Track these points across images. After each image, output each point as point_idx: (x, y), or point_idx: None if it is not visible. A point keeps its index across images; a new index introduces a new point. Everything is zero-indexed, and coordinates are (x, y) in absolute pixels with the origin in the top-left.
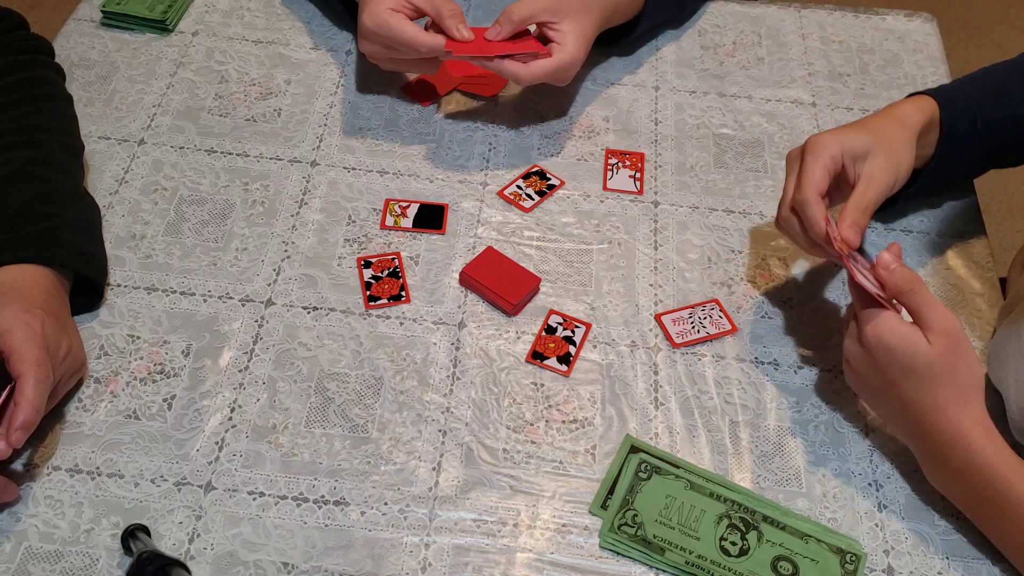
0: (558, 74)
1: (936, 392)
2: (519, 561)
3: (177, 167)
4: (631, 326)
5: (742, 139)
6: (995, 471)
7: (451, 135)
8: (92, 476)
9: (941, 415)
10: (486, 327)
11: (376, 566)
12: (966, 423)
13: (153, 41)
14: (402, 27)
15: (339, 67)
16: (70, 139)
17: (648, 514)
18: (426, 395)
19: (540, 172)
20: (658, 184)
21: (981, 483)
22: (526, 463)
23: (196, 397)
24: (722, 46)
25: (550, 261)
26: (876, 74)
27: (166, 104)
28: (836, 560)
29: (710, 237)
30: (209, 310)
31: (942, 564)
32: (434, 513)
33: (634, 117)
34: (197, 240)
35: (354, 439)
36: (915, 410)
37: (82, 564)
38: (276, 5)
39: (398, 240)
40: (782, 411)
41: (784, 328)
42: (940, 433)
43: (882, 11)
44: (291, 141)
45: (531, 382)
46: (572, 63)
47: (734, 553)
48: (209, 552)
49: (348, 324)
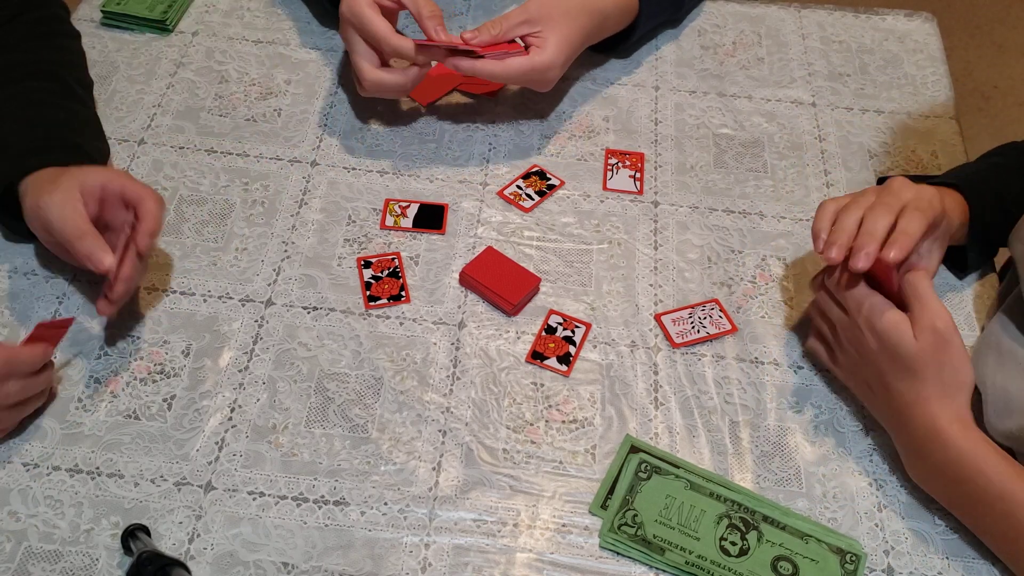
0: (534, 75)
1: (918, 386)
2: (519, 561)
3: (177, 167)
4: (631, 326)
5: (742, 139)
6: (973, 466)
7: (451, 135)
8: (92, 476)
9: (920, 408)
10: (486, 327)
11: (376, 566)
12: (944, 419)
13: (153, 41)
14: (375, 21)
15: (339, 67)
16: (83, 74)
17: (648, 514)
18: (426, 395)
19: (540, 172)
20: (658, 184)
21: (960, 478)
22: (526, 463)
23: (196, 397)
24: (722, 46)
25: (550, 261)
26: (876, 74)
27: (166, 104)
28: (836, 560)
29: (710, 237)
30: (209, 310)
31: (942, 564)
32: (434, 513)
33: (634, 117)
34: (197, 240)
35: (354, 439)
36: (897, 400)
37: (82, 564)
38: (276, 5)
39: (398, 240)
40: (782, 411)
41: (784, 328)
42: (918, 427)
43: (882, 11)
44: (291, 141)
45: (531, 382)
46: (549, 65)
47: (734, 553)
48: (209, 552)
49: (348, 324)
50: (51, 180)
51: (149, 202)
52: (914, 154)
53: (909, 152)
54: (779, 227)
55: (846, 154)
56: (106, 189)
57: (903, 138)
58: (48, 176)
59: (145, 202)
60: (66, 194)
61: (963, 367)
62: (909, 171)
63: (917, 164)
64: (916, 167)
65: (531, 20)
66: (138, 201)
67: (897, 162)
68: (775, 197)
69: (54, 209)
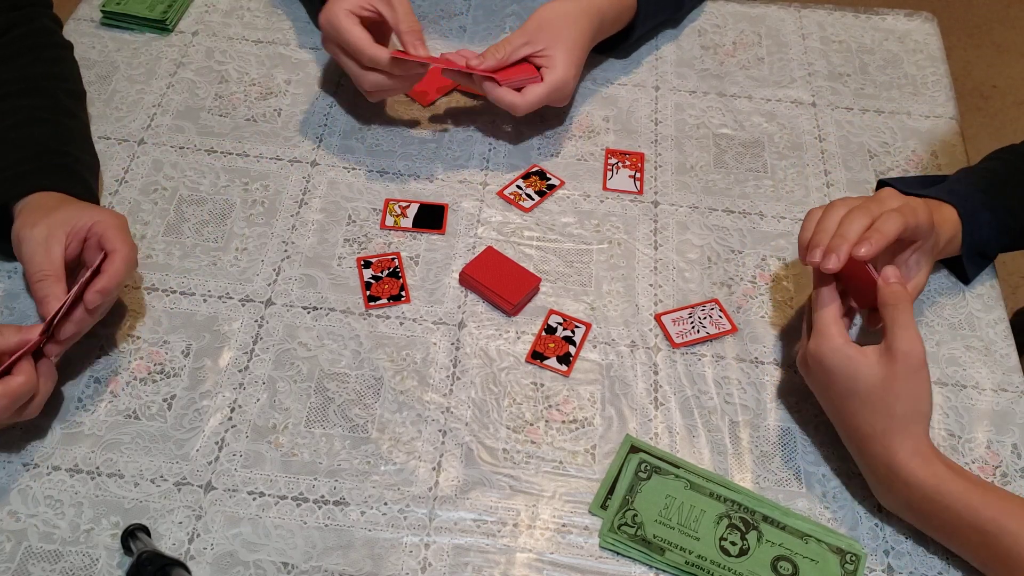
0: (553, 95)
1: (874, 419)
2: (519, 561)
3: (177, 167)
4: (631, 326)
5: (742, 139)
6: (939, 501)
7: (451, 135)
8: (92, 476)
9: (877, 443)
10: (486, 327)
11: (376, 566)
12: (902, 454)
13: (153, 41)
14: (352, 31)
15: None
16: (74, 85)
17: (648, 514)
18: (426, 395)
19: (540, 172)
20: (658, 184)
21: (927, 512)
22: (526, 463)
23: (196, 397)
24: (722, 46)
25: (550, 261)
26: (876, 74)
27: (166, 104)
28: (836, 560)
29: (710, 237)
30: (209, 310)
31: (942, 564)
32: (434, 513)
33: (634, 117)
34: (197, 240)
35: (354, 439)
36: (856, 434)
37: (82, 564)
38: (276, 5)
39: (398, 240)
40: (782, 411)
41: (784, 328)
42: (879, 463)
43: (882, 11)
44: (291, 141)
45: (531, 382)
46: (564, 82)
47: (734, 553)
48: (209, 552)
49: (348, 324)
50: (45, 212)
51: (117, 259)
52: (914, 154)
53: (909, 152)
54: (779, 227)
55: (846, 154)
56: (91, 231)
57: (903, 138)
58: (44, 205)
59: (113, 258)
60: (50, 231)
61: (924, 397)
62: (909, 171)
63: (917, 164)
64: (916, 167)
65: (533, 40)
66: (110, 253)
67: (897, 162)
68: (775, 197)
69: (31, 243)
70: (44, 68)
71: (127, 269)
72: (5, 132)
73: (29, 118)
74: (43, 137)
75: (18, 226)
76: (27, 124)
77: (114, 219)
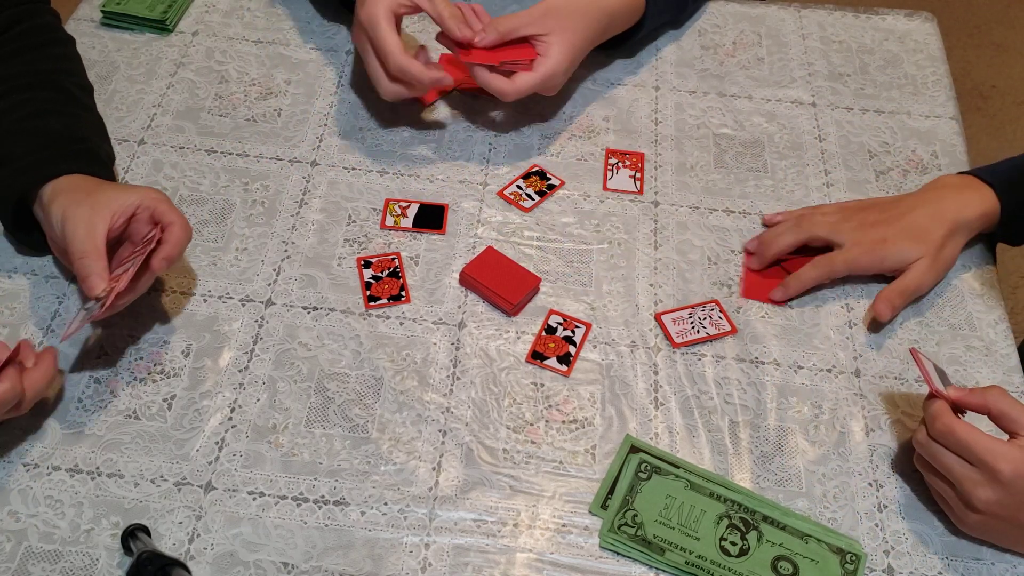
0: (543, 85)
1: None
2: (519, 561)
3: (177, 167)
4: (631, 326)
5: (742, 139)
6: None
7: (451, 135)
8: (92, 476)
9: None
10: (486, 327)
11: (376, 566)
12: None
13: (153, 41)
14: (388, 37)
15: (339, 67)
16: (83, 80)
17: (648, 514)
18: (426, 395)
19: (540, 172)
20: (658, 184)
21: None
22: (526, 463)
23: (196, 397)
24: (722, 46)
25: (550, 261)
26: (876, 74)
27: (166, 104)
28: (836, 560)
29: (710, 237)
30: (209, 310)
31: (942, 564)
32: (434, 513)
33: (634, 117)
34: (197, 240)
35: (354, 439)
36: None
37: (82, 564)
38: (276, 5)
39: (398, 240)
40: (782, 411)
41: (784, 328)
42: None
43: (882, 11)
44: (291, 141)
45: (531, 382)
46: (554, 74)
47: (734, 553)
48: (209, 552)
49: (348, 324)
50: (86, 193)
51: (176, 229)
52: (914, 154)
53: (909, 152)
54: None
55: (846, 154)
56: (139, 208)
57: (903, 138)
58: (81, 187)
59: (172, 228)
60: (94, 210)
61: None
62: (909, 171)
63: (917, 164)
64: (916, 167)
65: (536, 24)
66: (168, 225)
67: (897, 162)
68: (775, 197)
69: (74, 222)
70: (53, 63)
71: (187, 237)
72: (21, 122)
73: (44, 109)
74: (61, 127)
75: (61, 206)
76: (42, 115)
77: (160, 195)
